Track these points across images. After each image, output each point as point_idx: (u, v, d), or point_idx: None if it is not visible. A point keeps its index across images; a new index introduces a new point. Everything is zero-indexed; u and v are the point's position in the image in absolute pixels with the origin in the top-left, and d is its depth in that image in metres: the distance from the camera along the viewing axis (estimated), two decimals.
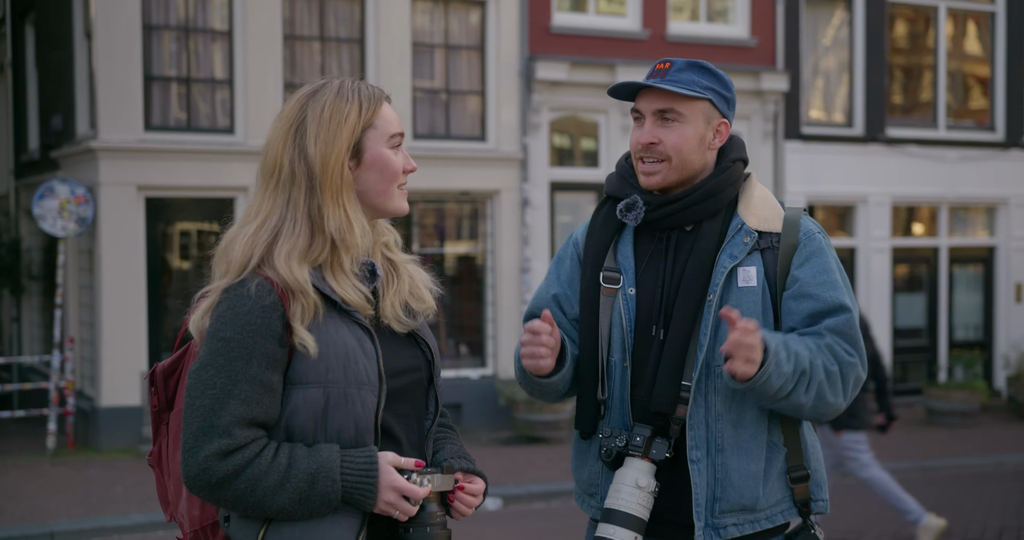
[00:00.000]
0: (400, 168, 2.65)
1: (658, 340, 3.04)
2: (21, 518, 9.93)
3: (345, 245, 2.53)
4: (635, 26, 15.67)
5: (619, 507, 2.93)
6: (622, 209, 3.11)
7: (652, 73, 3.09)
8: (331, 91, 2.59)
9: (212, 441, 2.41)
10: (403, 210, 2.69)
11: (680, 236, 3.10)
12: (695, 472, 2.99)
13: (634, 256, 3.11)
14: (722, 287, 3.01)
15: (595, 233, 3.17)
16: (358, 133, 2.57)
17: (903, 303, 17.72)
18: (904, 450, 13.87)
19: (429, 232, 15.13)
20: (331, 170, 2.53)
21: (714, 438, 3.01)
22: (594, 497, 3.13)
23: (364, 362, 2.51)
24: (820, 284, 3.04)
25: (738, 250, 3.03)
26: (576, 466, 3.21)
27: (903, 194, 17.29)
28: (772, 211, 3.12)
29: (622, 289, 3.07)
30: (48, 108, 16.17)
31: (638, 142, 3.09)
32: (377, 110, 2.61)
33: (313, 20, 14.40)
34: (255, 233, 2.54)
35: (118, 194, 13.29)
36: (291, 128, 2.57)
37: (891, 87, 17.62)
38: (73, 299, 14.39)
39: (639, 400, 3.04)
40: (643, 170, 3.10)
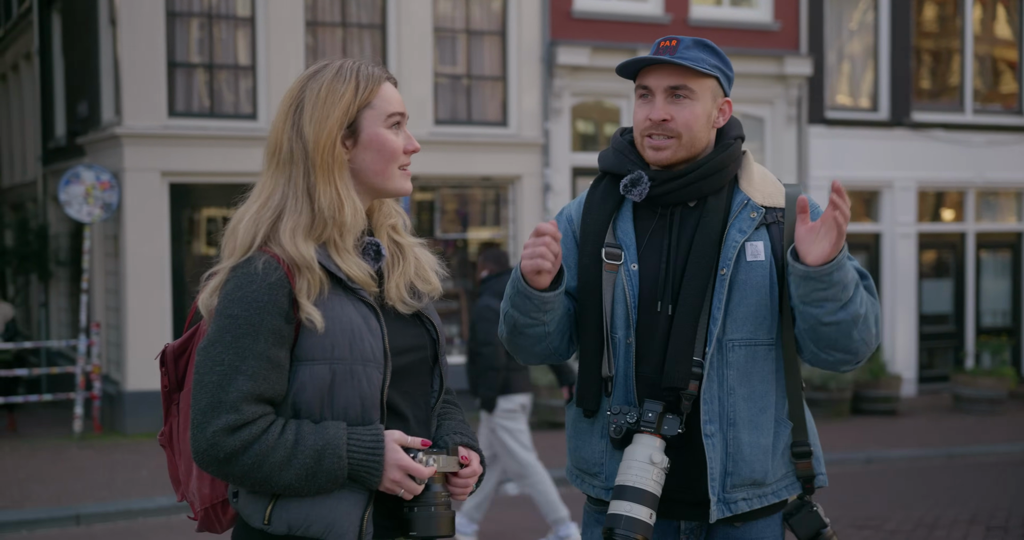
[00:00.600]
0: (399, 148, 2.64)
1: (665, 315, 3.04)
2: (48, 501, 10.02)
3: (335, 223, 2.55)
4: (657, 10, 15.62)
5: (632, 483, 2.91)
6: (627, 184, 3.09)
7: (658, 50, 3.07)
8: (331, 71, 2.61)
9: (220, 416, 2.43)
10: (404, 190, 2.68)
11: (684, 212, 3.09)
12: (709, 446, 2.99)
13: (635, 232, 3.10)
14: (734, 261, 3.02)
15: (594, 209, 3.14)
16: (353, 112, 2.58)
17: (929, 289, 17.62)
18: (930, 437, 13.82)
19: (452, 218, 15.15)
20: (323, 148, 2.55)
21: (726, 413, 3.01)
22: (597, 476, 3.11)
23: (370, 339, 2.53)
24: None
25: (746, 225, 3.05)
26: (576, 446, 3.17)
27: (929, 179, 17.18)
28: (774, 187, 3.15)
29: (624, 265, 3.05)
30: (74, 95, 16.27)
31: (647, 118, 3.07)
32: (375, 90, 2.61)
33: (335, 6, 14.42)
34: (258, 211, 2.57)
35: (142, 180, 13.37)
36: (290, 108, 2.60)
37: (917, 71, 17.51)
38: (99, 284, 14.49)
39: (645, 376, 3.03)
40: (652, 145, 3.08)
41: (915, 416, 15.49)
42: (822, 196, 16.36)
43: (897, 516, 9.39)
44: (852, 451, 12.79)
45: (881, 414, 15.40)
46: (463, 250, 15.06)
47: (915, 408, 16.06)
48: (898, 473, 11.88)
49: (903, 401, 16.18)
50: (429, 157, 14.33)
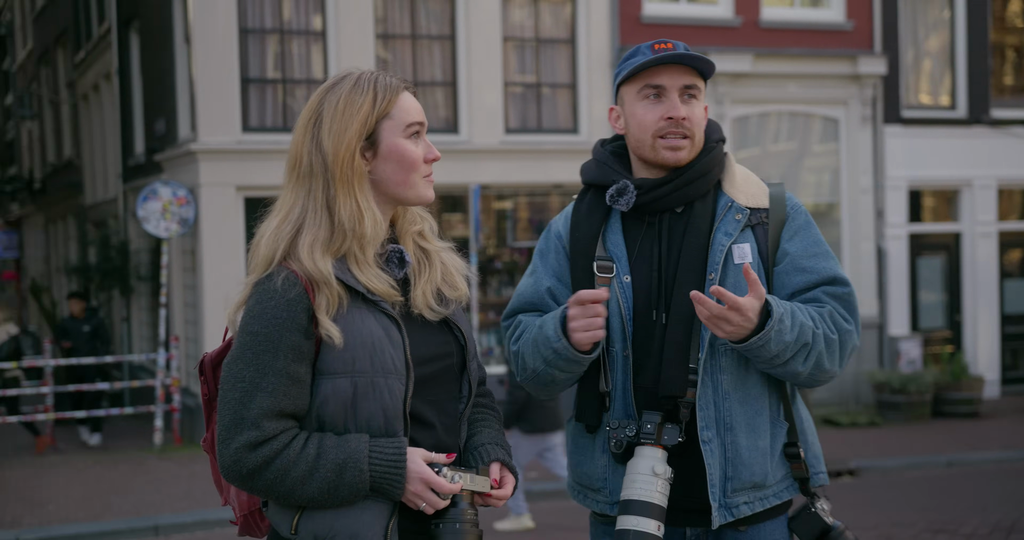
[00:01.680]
0: (420, 157, 2.64)
1: (660, 325, 3.02)
2: (127, 512, 10.21)
3: (356, 235, 2.55)
4: (727, 13, 15.54)
5: (638, 497, 2.88)
6: (613, 195, 3.05)
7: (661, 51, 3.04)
8: (348, 83, 2.62)
9: (242, 433, 2.47)
10: (427, 199, 2.68)
11: (671, 219, 3.07)
12: (707, 452, 2.97)
13: (625, 243, 3.07)
14: (722, 265, 3.01)
15: (581, 223, 3.11)
16: (371, 124, 2.59)
17: (1012, 289, 17.29)
18: (1014, 439, 13.55)
19: (525, 226, 15.18)
20: (342, 160, 2.56)
21: (723, 417, 3.00)
22: (600, 491, 3.07)
23: (391, 351, 2.54)
24: (814, 256, 3.07)
25: (732, 227, 3.04)
26: (578, 461, 3.14)
27: (1010, 177, 16.88)
28: (758, 187, 3.14)
29: (617, 277, 3.03)
30: (152, 113, 16.56)
31: (665, 117, 3.03)
32: (393, 100, 2.61)
33: (405, 18, 14.53)
34: (279, 226, 2.59)
35: (218, 195, 13.56)
36: (310, 121, 2.62)
37: (997, 68, 17.21)
38: (178, 298, 14.72)
39: (642, 387, 3.01)
40: (669, 145, 3.03)
41: (998, 418, 15.20)
42: (897, 198, 16.16)
43: (974, 520, 9.23)
44: (933, 454, 12.59)
45: (963, 416, 15.13)
46: None
47: (998, 410, 15.76)
48: (980, 476, 11.67)
49: (985, 403, 15.89)
50: (501, 165, 14.38)
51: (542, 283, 3.16)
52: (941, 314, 16.88)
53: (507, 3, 14.82)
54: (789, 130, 16.14)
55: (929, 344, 16.43)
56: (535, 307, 3.15)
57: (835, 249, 16.15)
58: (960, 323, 16.82)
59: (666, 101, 3.04)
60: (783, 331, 2.85)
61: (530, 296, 3.17)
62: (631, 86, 3.08)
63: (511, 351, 3.13)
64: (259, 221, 2.68)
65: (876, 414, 15.06)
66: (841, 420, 14.64)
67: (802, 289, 3.05)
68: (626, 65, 3.09)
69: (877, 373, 15.21)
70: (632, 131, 3.09)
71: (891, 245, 16.13)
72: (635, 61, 3.06)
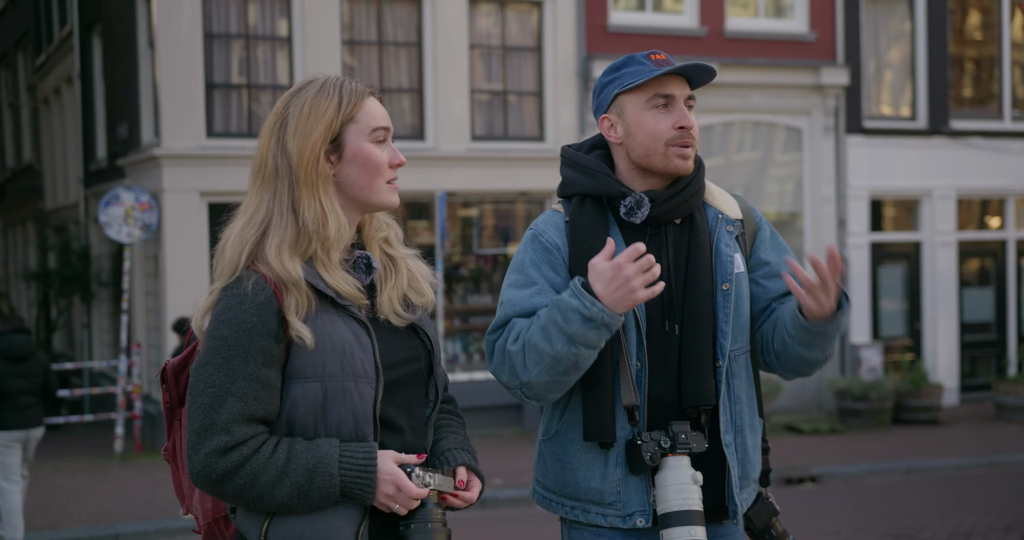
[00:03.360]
0: (384, 162, 2.65)
1: (673, 335, 3.05)
2: (88, 520, 10.13)
3: (320, 237, 2.56)
4: (693, 23, 15.63)
5: (686, 507, 2.91)
6: (631, 207, 3.05)
7: (662, 62, 3.07)
8: (314, 87, 2.63)
9: (212, 438, 2.46)
10: (391, 204, 2.70)
11: (675, 230, 3.10)
12: (730, 455, 3.05)
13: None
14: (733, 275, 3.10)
15: (588, 235, 3.05)
16: (336, 127, 2.60)
17: (971, 297, 17.47)
18: (972, 446, 13.70)
19: (491, 233, 15.19)
20: (307, 163, 2.57)
21: (735, 420, 3.08)
22: (612, 505, 3.04)
23: (360, 355, 2.55)
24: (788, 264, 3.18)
25: (728, 239, 3.12)
26: (580, 477, 3.07)
27: (969, 187, 17.06)
28: (731, 200, 3.22)
29: None
30: (115, 117, 16.46)
31: (678, 126, 3.05)
32: (359, 105, 2.63)
33: (372, 25, 14.52)
34: (243, 228, 2.59)
35: (181, 200, 13.49)
36: (275, 125, 2.63)
37: (956, 79, 17.40)
38: (140, 304, 14.63)
39: (660, 397, 3.03)
40: (681, 154, 3.06)
41: (957, 425, 15.36)
42: (859, 207, 16.30)
43: (933, 526, 9.32)
44: (893, 461, 12.71)
45: (922, 423, 15.28)
46: (503, 265, 15.09)
47: (957, 417, 15.93)
48: (939, 482, 11.78)
49: (945, 410, 16.05)
50: (468, 173, 14.39)
51: (542, 297, 3.02)
52: (901, 322, 17.03)
53: (474, 11, 14.84)
54: (753, 139, 16.25)
55: (890, 352, 16.58)
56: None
57: (798, 258, 16.23)
58: (920, 331, 16.98)
59: (675, 111, 3.07)
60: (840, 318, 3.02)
61: (526, 309, 3.03)
62: (636, 95, 3.07)
63: (509, 352, 2.97)
64: (223, 225, 2.68)
65: (838, 421, 15.18)
66: (803, 427, 14.74)
67: (782, 294, 3.17)
68: (624, 74, 3.09)
69: (839, 380, 15.33)
70: (639, 140, 3.07)
71: (853, 254, 16.26)
72: (636, 71, 3.06)
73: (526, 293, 3.05)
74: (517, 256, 3.13)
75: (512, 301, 3.05)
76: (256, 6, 14.06)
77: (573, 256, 3.05)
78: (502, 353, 3.00)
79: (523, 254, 3.11)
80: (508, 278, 3.12)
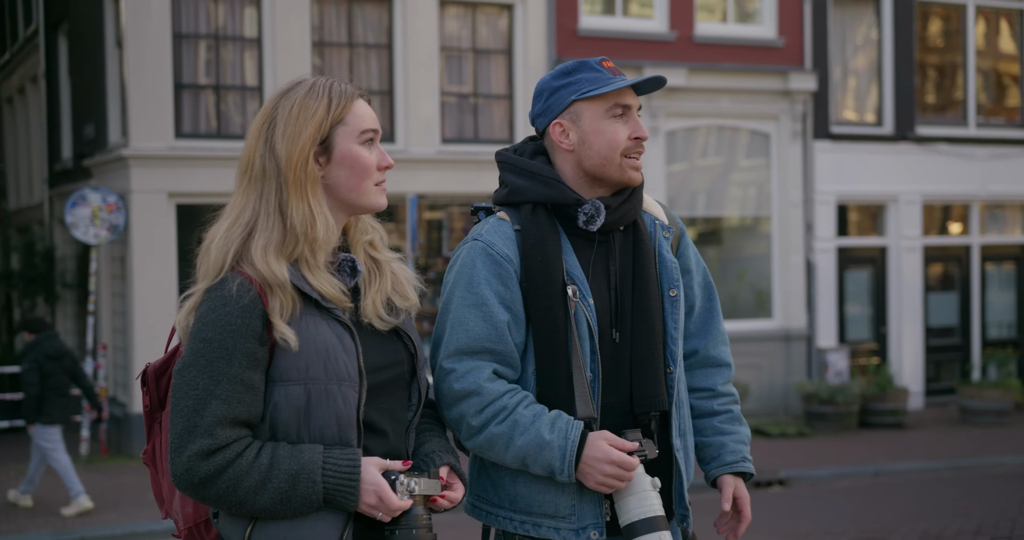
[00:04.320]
0: (373, 164, 2.66)
1: (624, 344, 3.03)
2: (53, 525, 10.04)
3: (308, 239, 2.56)
4: (662, 28, 15.68)
5: (652, 513, 2.90)
6: (591, 215, 3.01)
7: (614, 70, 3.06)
8: (303, 89, 2.62)
9: (195, 441, 2.44)
10: (379, 206, 2.69)
11: (619, 237, 3.09)
12: (680, 458, 3.08)
13: (579, 263, 3.04)
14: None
15: (543, 245, 2.98)
16: (325, 129, 2.60)
17: (935, 302, 17.62)
18: (937, 450, 13.80)
19: (459, 236, 15.18)
20: (295, 164, 2.56)
21: (681, 424, 3.12)
22: (567, 518, 2.99)
23: (344, 358, 2.54)
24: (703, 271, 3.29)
25: (668, 244, 3.15)
26: (534, 491, 3.00)
27: (934, 192, 17.20)
28: (658, 206, 3.25)
29: (583, 299, 2.98)
30: (81, 117, 16.33)
31: (634, 137, 3.04)
32: (348, 106, 2.63)
33: (342, 27, 14.48)
34: (229, 229, 2.58)
35: (149, 201, 13.40)
36: (263, 125, 2.62)
37: (922, 86, 17.54)
38: (106, 306, 14.52)
39: (612, 407, 3.00)
40: (634, 165, 3.05)
41: (922, 429, 15.47)
42: (826, 212, 16.39)
43: (903, 529, 9.39)
44: (860, 464, 12.79)
45: (888, 427, 15.39)
46: None
47: (922, 421, 16.05)
48: (906, 486, 11.87)
49: (910, 414, 16.18)
50: (437, 175, 14.38)
51: (498, 317, 2.94)
52: (868, 326, 17.15)
53: (444, 13, 14.83)
54: (717, 144, 16.32)
55: (856, 356, 16.69)
56: (491, 350, 2.93)
57: (765, 262, 16.38)
58: (886, 335, 17.11)
59: (631, 121, 3.05)
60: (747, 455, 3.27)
61: (485, 333, 2.93)
62: (596, 103, 3.02)
63: (468, 422, 2.91)
64: (207, 226, 2.66)
65: (805, 425, 15.26)
66: (771, 430, 14.81)
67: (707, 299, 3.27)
68: (580, 80, 3.03)
69: (806, 384, 15.41)
70: (596, 149, 3.02)
71: (820, 258, 16.36)
72: (593, 78, 3.02)
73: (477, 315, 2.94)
74: (464, 269, 2.99)
75: (466, 325, 2.94)
76: (225, 7, 13.99)
77: (529, 268, 2.97)
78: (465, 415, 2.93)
79: (471, 268, 2.98)
80: (456, 293, 2.98)
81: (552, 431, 2.85)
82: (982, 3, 17.79)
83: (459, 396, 2.91)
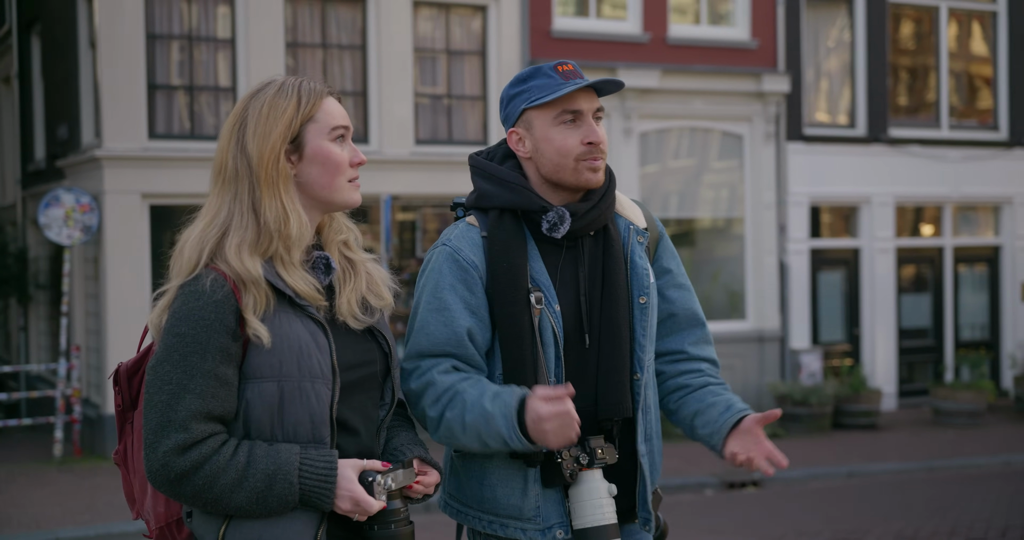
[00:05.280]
0: (345, 161, 2.68)
1: (592, 350, 3.04)
2: (27, 526, 9.98)
3: (282, 236, 2.57)
4: (636, 29, 15.71)
5: (605, 521, 2.91)
6: (554, 222, 3.01)
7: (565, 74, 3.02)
8: (273, 88, 2.65)
9: (170, 436, 2.45)
10: (353, 202, 2.72)
11: (589, 243, 3.09)
12: (645, 464, 3.08)
13: (547, 269, 3.04)
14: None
15: (506, 252, 2.99)
16: (296, 127, 2.61)
17: (908, 303, 17.71)
18: (911, 451, 13.87)
19: (433, 237, 15.16)
20: (267, 163, 2.58)
21: (647, 429, 3.12)
22: (532, 520, 3.02)
23: (317, 355, 2.55)
24: (683, 274, 3.30)
25: (641, 250, 3.13)
26: (502, 493, 3.03)
27: (906, 194, 17.29)
28: (636, 208, 3.24)
29: (548, 306, 2.99)
30: (54, 118, 16.25)
31: (586, 142, 3.02)
32: (318, 104, 2.64)
33: (315, 28, 14.46)
34: (204, 230, 2.60)
35: (123, 202, 13.35)
36: (234, 126, 2.64)
37: (894, 88, 17.64)
38: (79, 307, 14.45)
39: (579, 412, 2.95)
40: (591, 167, 3.02)
41: (895, 430, 15.55)
42: (799, 213, 16.45)
43: (878, 529, 9.43)
44: (834, 465, 12.84)
45: (862, 428, 15.46)
46: None
47: (895, 422, 16.13)
48: (879, 487, 11.92)
49: (883, 415, 16.25)
50: (410, 177, 14.37)
51: (459, 323, 2.96)
52: (841, 328, 17.22)
53: (418, 14, 14.82)
54: (690, 146, 16.36)
55: (829, 357, 16.75)
56: (451, 353, 2.96)
57: (738, 263, 16.43)
58: (859, 337, 17.18)
59: (583, 125, 3.04)
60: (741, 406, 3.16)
61: (444, 337, 2.96)
62: (544, 111, 3.03)
63: (427, 415, 2.94)
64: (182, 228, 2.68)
65: (778, 426, 15.30)
66: None
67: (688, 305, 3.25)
68: (531, 88, 3.04)
69: (779, 385, 15.46)
70: (548, 156, 3.03)
71: (793, 260, 16.42)
72: (543, 85, 3.02)
73: (439, 319, 2.97)
74: (432, 274, 3.02)
75: (426, 329, 2.98)
76: (199, 7, 13.95)
77: (495, 274, 2.98)
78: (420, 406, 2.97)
79: (438, 274, 3.01)
80: (423, 297, 3.02)
81: (494, 403, 2.84)
82: (954, 5, 17.90)
83: (418, 392, 2.96)
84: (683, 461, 12.40)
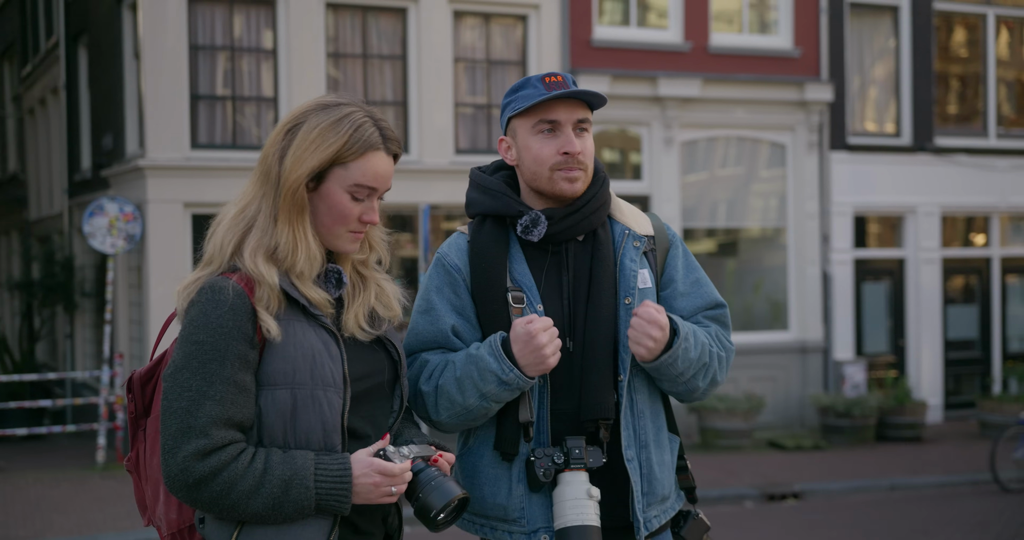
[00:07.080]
0: (351, 215, 2.68)
1: (572, 351, 3.07)
2: (70, 531, 10.07)
3: (287, 264, 2.61)
4: (677, 38, 15.66)
5: (581, 522, 2.92)
6: (527, 225, 3.08)
7: (549, 85, 3.06)
8: (336, 115, 2.65)
9: (190, 441, 2.47)
10: (346, 251, 2.73)
11: (576, 247, 3.14)
12: (632, 470, 3.06)
13: (531, 272, 3.11)
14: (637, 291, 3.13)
15: (486, 255, 3.10)
16: (325, 163, 2.63)
17: (955, 314, 17.51)
18: (955, 464, 13.70)
19: None
20: (291, 186, 2.61)
21: (639, 435, 3.09)
22: (516, 522, 3.06)
23: (330, 364, 2.58)
24: (695, 282, 3.25)
25: (634, 254, 3.15)
26: (488, 493, 3.09)
27: (953, 204, 17.11)
28: (642, 217, 3.26)
29: (529, 307, 3.05)
30: (100, 128, 16.44)
31: (562, 152, 3.06)
32: (362, 155, 2.64)
33: (356, 38, 14.52)
34: (235, 217, 2.65)
35: (165, 211, 13.47)
36: (288, 129, 2.67)
37: (941, 96, 17.46)
38: (123, 315, 14.58)
39: (561, 413, 3.05)
40: (567, 176, 3.07)
41: (941, 443, 15.36)
42: (843, 223, 16.32)
43: None
44: (876, 478, 12.70)
45: (906, 441, 15.28)
46: None
47: (941, 435, 15.93)
48: (922, 500, 11.78)
49: (929, 428, 16.05)
50: (450, 186, 14.38)
51: (443, 321, 3.08)
52: (885, 339, 17.05)
53: (458, 24, 14.86)
54: (737, 155, 16.28)
55: (873, 368, 16.59)
56: (440, 346, 3.08)
57: (781, 273, 16.30)
58: (904, 348, 17.00)
59: (561, 135, 3.08)
60: (688, 349, 3.01)
61: (430, 335, 3.09)
62: (525, 119, 3.10)
63: (422, 391, 3.02)
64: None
65: (821, 438, 15.18)
66: (786, 443, 14.73)
67: (687, 313, 3.20)
68: (517, 97, 3.11)
69: (822, 397, 15.32)
70: (527, 164, 3.12)
71: (836, 270, 16.28)
72: (527, 95, 3.08)
73: (425, 319, 3.11)
74: (424, 281, 3.19)
75: (414, 329, 3.12)
76: (241, 18, 14.06)
77: (475, 277, 3.09)
78: (413, 388, 3.04)
79: (428, 280, 3.17)
80: (415, 303, 3.16)
81: (479, 348, 2.95)
82: (1003, 13, 17.71)
83: (413, 378, 3.05)
84: (723, 472, 12.31)
